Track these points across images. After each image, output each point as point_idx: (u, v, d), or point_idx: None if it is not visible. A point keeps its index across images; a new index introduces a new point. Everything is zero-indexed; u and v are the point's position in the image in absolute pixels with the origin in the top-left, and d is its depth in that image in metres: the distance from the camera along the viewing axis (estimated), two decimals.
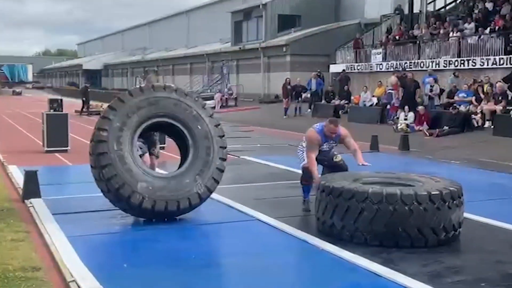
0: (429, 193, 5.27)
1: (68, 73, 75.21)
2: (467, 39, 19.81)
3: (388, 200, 5.21)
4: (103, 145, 5.86)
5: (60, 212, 6.49)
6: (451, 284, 4.34)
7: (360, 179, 5.92)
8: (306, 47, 30.17)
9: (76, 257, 4.82)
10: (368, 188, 5.39)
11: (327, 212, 5.57)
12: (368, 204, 5.26)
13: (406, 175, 6.23)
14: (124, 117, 6.00)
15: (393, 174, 6.32)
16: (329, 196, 5.54)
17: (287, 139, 15.90)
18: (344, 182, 5.63)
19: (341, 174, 6.20)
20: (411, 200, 5.20)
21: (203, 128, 6.35)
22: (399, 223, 5.21)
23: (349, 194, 5.36)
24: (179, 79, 43.11)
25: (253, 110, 28.24)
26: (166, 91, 6.31)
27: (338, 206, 5.44)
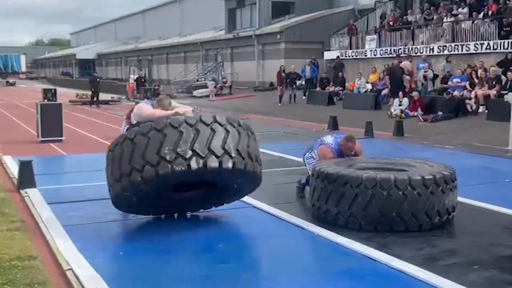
0: (423, 177, 5.30)
1: (62, 63, 74.82)
2: (461, 24, 19.80)
3: (382, 185, 5.24)
4: None
5: (55, 201, 6.49)
6: (445, 267, 4.38)
7: (354, 165, 5.94)
8: (300, 34, 30.09)
9: (72, 246, 4.84)
10: (362, 173, 5.42)
11: (322, 198, 5.60)
12: (362, 190, 5.29)
13: (400, 160, 6.26)
14: None
15: (387, 160, 6.34)
16: (324, 182, 5.56)
17: (282, 127, 15.91)
18: (338, 168, 5.65)
19: (336, 160, 6.20)
20: (405, 185, 5.23)
21: None
22: (393, 208, 5.24)
23: (344, 180, 5.39)
24: (173, 67, 43.02)
25: (247, 98, 28.20)
26: None
27: (332, 192, 5.47)
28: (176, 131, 4.86)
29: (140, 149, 4.88)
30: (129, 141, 4.98)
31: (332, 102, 21.68)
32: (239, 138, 5.09)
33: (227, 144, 4.95)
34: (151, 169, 4.80)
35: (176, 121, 4.93)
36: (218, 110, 23.12)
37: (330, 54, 25.96)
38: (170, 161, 4.78)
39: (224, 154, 4.91)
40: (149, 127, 4.95)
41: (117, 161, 5.07)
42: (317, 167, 5.86)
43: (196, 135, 4.88)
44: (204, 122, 4.95)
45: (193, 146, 4.83)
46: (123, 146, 5.04)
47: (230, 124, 5.08)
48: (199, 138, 4.86)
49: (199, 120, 4.96)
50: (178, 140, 4.82)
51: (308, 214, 5.92)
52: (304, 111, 20.39)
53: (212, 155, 4.86)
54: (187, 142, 4.83)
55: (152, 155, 4.82)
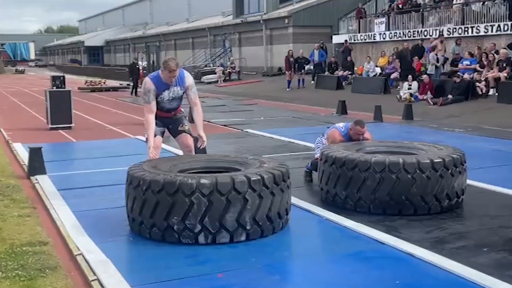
0: (432, 161, 5.27)
1: (70, 50, 74.94)
2: (471, 6, 19.56)
3: (390, 169, 5.22)
4: None
5: (65, 188, 6.54)
6: (454, 249, 4.38)
7: (363, 149, 5.92)
8: (308, 18, 29.90)
9: (82, 231, 4.88)
10: (371, 157, 5.40)
11: (331, 182, 5.59)
12: (371, 173, 5.27)
13: (409, 144, 6.23)
14: None
15: (396, 143, 6.31)
16: (332, 166, 5.55)
17: (290, 112, 15.88)
18: (346, 152, 5.63)
19: (344, 144, 6.18)
20: (413, 168, 5.21)
21: None
22: (402, 192, 5.23)
23: (352, 164, 5.37)
24: (181, 53, 42.90)
25: (256, 83, 28.15)
26: None
27: (341, 176, 5.46)
28: (187, 200, 4.39)
29: (149, 207, 4.55)
30: (141, 191, 4.60)
31: (341, 87, 21.59)
32: (260, 203, 4.53)
33: (242, 216, 4.47)
34: (159, 233, 4.54)
35: (188, 187, 4.39)
36: (226, 95, 23.10)
37: (339, 38, 25.80)
38: (178, 232, 4.46)
39: (238, 228, 4.48)
40: (160, 185, 4.47)
41: (130, 201, 4.81)
42: (325, 151, 5.82)
43: (209, 207, 4.39)
44: (220, 192, 4.40)
45: (203, 221, 4.41)
46: (136, 191, 4.68)
47: (251, 189, 4.47)
48: (211, 211, 4.40)
49: (214, 189, 4.39)
50: (188, 211, 4.40)
51: (316, 198, 5.92)
52: (312, 96, 20.33)
53: (223, 230, 4.45)
54: (196, 215, 4.40)
55: (160, 220, 4.51)
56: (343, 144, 6.14)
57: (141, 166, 4.93)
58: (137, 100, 19.32)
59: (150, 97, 5.55)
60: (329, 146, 6.17)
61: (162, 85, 5.56)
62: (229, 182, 4.44)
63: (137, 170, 4.80)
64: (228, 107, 17.79)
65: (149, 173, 4.67)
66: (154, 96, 5.55)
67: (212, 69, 32.16)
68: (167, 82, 5.54)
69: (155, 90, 5.54)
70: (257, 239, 4.59)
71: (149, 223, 4.60)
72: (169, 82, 5.53)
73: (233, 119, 13.88)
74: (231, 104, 19.14)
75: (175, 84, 5.58)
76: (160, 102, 5.63)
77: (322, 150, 5.97)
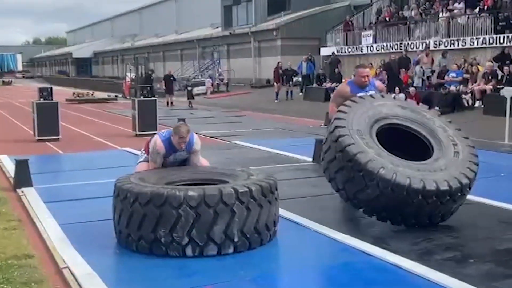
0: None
1: (58, 62, 74.72)
2: (457, 19, 19.82)
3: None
4: None
5: (52, 200, 6.49)
6: (441, 261, 4.39)
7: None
8: (297, 31, 30.10)
9: (69, 244, 4.83)
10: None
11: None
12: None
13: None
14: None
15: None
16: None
17: (278, 123, 15.92)
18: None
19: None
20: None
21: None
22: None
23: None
24: (170, 65, 42.86)
25: (244, 95, 28.22)
26: None
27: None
28: (175, 212, 4.36)
29: (136, 219, 4.51)
30: (128, 204, 4.56)
31: (329, 98, 21.53)
32: (248, 215, 4.50)
33: (230, 228, 4.44)
34: (146, 245, 4.50)
35: (176, 200, 4.36)
36: (214, 107, 23.13)
37: (327, 50, 25.98)
38: (165, 244, 4.42)
39: (226, 240, 4.45)
40: (147, 197, 4.45)
41: (117, 213, 4.74)
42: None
43: (196, 219, 4.36)
44: (208, 204, 4.37)
45: (190, 233, 4.38)
46: (123, 204, 4.64)
47: (239, 201, 4.45)
48: (199, 223, 4.37)
49: (202, 201, 4.37)
50: (175, 223, 4.37)
51: (304, 210, 5.92)
52: (300, 107, 20.41)
53: (211, 242, 4.42)
54: (184, 227, 4.36)
55: (147, 232, 4.46)
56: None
57: (128, 178, 4.89)
58: (124, 112, 19.23)
59: (157, 160, 5.43)
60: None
61: (171, 149, 5.39)
62: (216, 194, 4.41)
63: (124, 183, 4.76)
64: (216, 119, 17.80)
65: (136, 185, 4.63)
66: (161, 160, 5.44)
67: (201, 80, 32.20)
68: (176, 147, 5.36)
69: (163, 154, 5.40)
70: (244, 251, 4.58)
71: (136, 236, 4.56)
72: (179, 148, 5.35)
73: (221, 131, 13.89)
74: (220, 115, 19.16)
75: (183, 148, 5.41)
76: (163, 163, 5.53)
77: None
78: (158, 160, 5.43)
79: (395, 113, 5.63)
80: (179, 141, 5.28)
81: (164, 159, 5.47)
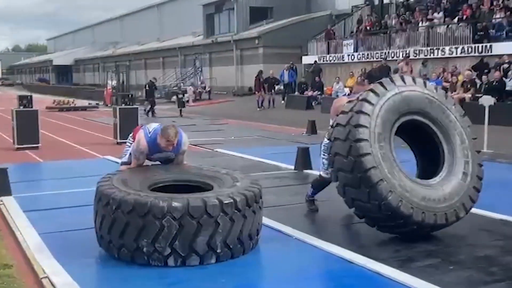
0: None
1: (38, 69, 74.05)
2: (436, 28, 20.09)
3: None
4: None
5: (31, 209, 6.40)
6: (421, 267, 4.43)
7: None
8: (279, 39, 30.25)
9: (48, 253, 4.77)
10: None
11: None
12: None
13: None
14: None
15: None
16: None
17: (261, 131, 15.95)
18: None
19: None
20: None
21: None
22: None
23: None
24: (151, 73, 42.75)
25: (226, 103, 28.22)
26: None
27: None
28: (158, 222, 4.28)
29: (119, 227, 4.43)
30: (111, 210, 4.47)
31: (310, 107, 21.81)
32: (231, 226, 4.44)
33: (213, 240, 4.38)
34: (128, 254, 4.44)
35: (159, 210, 4.28)
36: (196, 115, 23.07)
37: (309, 58, 26.13)
38: (147, 254, 4.37)
39: (208, 251, 4.40)
40: (130, 206, 4.35)
41: (99, 218, 4.67)
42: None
43: (179, 230, 4.29)
44: (191, 215, 4.30)
45: (173, 244, 4.31)
46: (105, 210, 4.54)
47: (223, 213, 4.39)
48: (182, 234, 4.29)
49: (186, 212, 4.30)
50: (158, 234, 4.29)
51: (286, 218, 5.93)
52: (282, 116, 20.46)
53: (193, 253, 4.36)
54: (167, 238, 4.29)
55: (129, 241, 4.40)
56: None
57: (110, 181, 4.76)
58: (105, 120, 19.09)
59: (140, 158, 5.29)
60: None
61: (156, 150, 5.24)
62: (201, 205, 4.34)
63: (106, 187, 4.65)
64: (198, 127, 17.76)
65: (119, 191, 4.52)
66: (144, 158, 5.33)
67: (183, 88, 32.12)
68: (162, 148, 5.20)
69: (147, 153, 5.26)
70: (228, 260, 4.56)
71: (118, 243, 4.51)
72: (165, 150, 5.21)
73: (204, 139, 13.86)
74: (202, 123, 19.12)
75: (171, 150, 5.26)
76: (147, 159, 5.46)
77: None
78: (141, 158, 5.31)
79: (420, 107, 5.29)
80: (167, 144, 5.13)
81: (149, 156, 5.35)
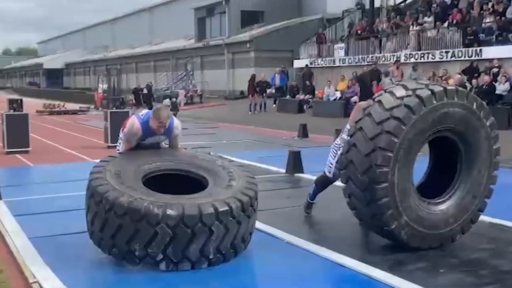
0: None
1: (29, 73, 73.64)
2: (427, 32, 20.20)
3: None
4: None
5: (21, 213, 6.37)
6: (411, 271, 4.45)
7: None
8: (270, 43, 30.30)
9: (38, 258, 4.75)
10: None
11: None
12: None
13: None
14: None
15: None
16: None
17: (252, 135, 15.95)
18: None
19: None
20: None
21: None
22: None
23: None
24: (142, 76, 42.69)
25: (218, 106, 28.21)
26: None
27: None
28: (151, 229, 4.23)
29: (111, 228, 4.38)
30: (103, 210, 4.40)
31: (302, 110, 21.86)
32: (225, 234, 4.42)
33: (206, 247, 4.36)
34: (119, 254, 4.43)
35: (154, 217, 4.22)
36: (188, 118, 23.07)
37: (300, 62, 26.18)
38: (139, 257, 4.33)
39: (201, 258, 4.39)
40: (124, 210, 4.28)
41: (91, 214, 4.60)
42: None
43: (173, 238, 4.25)
44: (186, 224, 4.24)
45: (166, 251, 4.29)
46: (97, 208, 4.47)
47: (219, 221, 4.34)
48: (175, 242, 4.26)
49: (180, 220, 4.24)
50: (151, 240, 4.26)
51: (277, 221, 5.93)
52: (274, 119, 20.48)
53: (186, 260, 4.34)
54: (160, 245, 4.26)
55: (121, 243, 4.36)
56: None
57: (103, 173, 4.65)
58: (96, 124, 19.04)
59: (132, 140, 5.21)
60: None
61: (149, 133, 5.16)
62: (196, 214, 4.27)
63: (99, 182, 4.54)
64: (190, 130, 17.69)
65: (112, 190, 4.41)
66: (136, 141, 5.25)
67: (174, 92, 32.07)
68: (154, 131, 5.14)
69: (140, 136, 5.17)
70: (220, 264, 4.55)
71: (110, 243, 4.46)
72: (157, 132, 5.14)
73: (195, 142, 13.80)
74: (193, 127, 19.07)
75: (162, 132, 5.21)
76: (139, 145, 5.32)
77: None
78: (132, 141, 5.22)
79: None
80: (158, 125, 5.06)
81: (140, 141, 5.25)
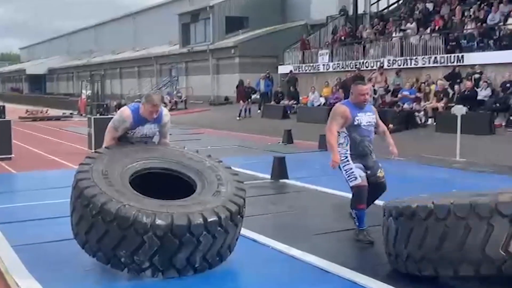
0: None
1: (11, 79, 72.94)
2: (410, 38, 20.42)
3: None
4: None
5: (4, 221, 6.30)
6: (399, 277, 4.46)
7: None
8: (255, 49, 30.39)
9: (21, 266, 4.71)
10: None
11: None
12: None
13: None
14: None
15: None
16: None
17: (237, 140, 15.97)
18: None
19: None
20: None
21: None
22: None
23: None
24: (126, 82, 42.60)
25: (203, 112, 28.19)
26: None
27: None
28: (139, 238, 4.17)
29: (97, 233, 4.30)
30: (90, 214, 4.31)
31: (286, 116, 21.93)
32: (212, 243, 4.38)
33: (193, 256, 4.33)
34: (104, 258, 4.35)
35: (142, 226, 4.15)
36: (172, 124, 23.03)
37: (284, 68, 26.28)
38: (124, 264, 4.29)
39: (187, 266, 4.36)
40: (112, 216, 4.19)
41: (76, 216, 4.51)
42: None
43: (160, 247, 4.20)
44: (174, 234, 4.19)
45: (152, 259, 4.24)
46: (84, 210, 4.35)
47: (207, 231, 4.30)
48: (162, 250, 4.21)
49: (169, 230, 4.17)
50: (138, 248, 4.20)
51: (262, 227, 5.95)
52: (259, 125, 20.53)
53: (172, 268, 4.31)
54: (147, 253, 4.21)
55: (107, 248, 4.29)
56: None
57: (90, 173, 4.55)
58: (80, 130, 18.93)
59: (119, 128, 5.05)
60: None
61: (139, 121, 5.04)
62: (185, 224, 4.23)
63: (86, 184, 4.44)
64: (174, 136, 17.59)
65: (100, 194, 4.31)
66: (123, 130, 5.06)
67: None
68: (145, 118, 5.02)
69: (130, 124, 5.03)
70: (207, 271, 4.54)
71: (95, 247, 4.39)
72: (150, 118, 5.02)
73: None
74: (177, 133, 19.00)
75: (153, 121, 5.09)
76: (128, 137, 5.15)
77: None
78: (120, 129, 5.06)
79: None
80: (152, 109, 4.95)
81: (129, 133, 5.10)
